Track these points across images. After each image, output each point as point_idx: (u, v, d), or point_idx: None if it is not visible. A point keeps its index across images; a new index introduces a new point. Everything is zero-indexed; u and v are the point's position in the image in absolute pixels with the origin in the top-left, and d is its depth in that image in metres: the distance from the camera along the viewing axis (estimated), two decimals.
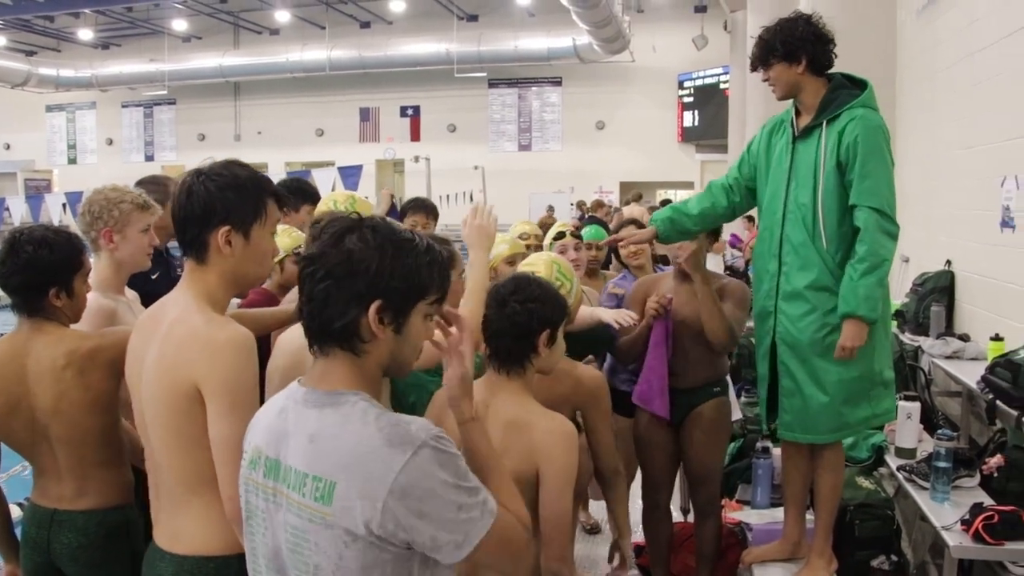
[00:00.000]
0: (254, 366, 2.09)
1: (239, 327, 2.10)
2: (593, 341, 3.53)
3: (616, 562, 3.15)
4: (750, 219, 11.81)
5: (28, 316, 2.64)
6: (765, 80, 3.34)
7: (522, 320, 2.53)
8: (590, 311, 3.69)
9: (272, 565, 1.71)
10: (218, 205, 2.12)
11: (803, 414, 3.31)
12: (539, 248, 4.61)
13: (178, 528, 2.14)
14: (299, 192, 4.66)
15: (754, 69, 3.38)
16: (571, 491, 2.46)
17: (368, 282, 1.65)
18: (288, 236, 3.98)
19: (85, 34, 28.14)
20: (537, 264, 3.03)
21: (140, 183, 4.19)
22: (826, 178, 3.16)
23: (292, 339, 2.64)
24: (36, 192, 24.43)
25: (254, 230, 2.18)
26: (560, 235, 4.24)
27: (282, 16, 26.98)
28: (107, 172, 23.99)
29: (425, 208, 5.19)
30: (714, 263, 5.70)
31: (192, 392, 2.04)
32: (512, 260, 3.80)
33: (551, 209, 19.26)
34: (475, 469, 1.75)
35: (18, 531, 2.78)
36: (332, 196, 3.56)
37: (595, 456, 3.08)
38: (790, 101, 3.37)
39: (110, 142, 31.35)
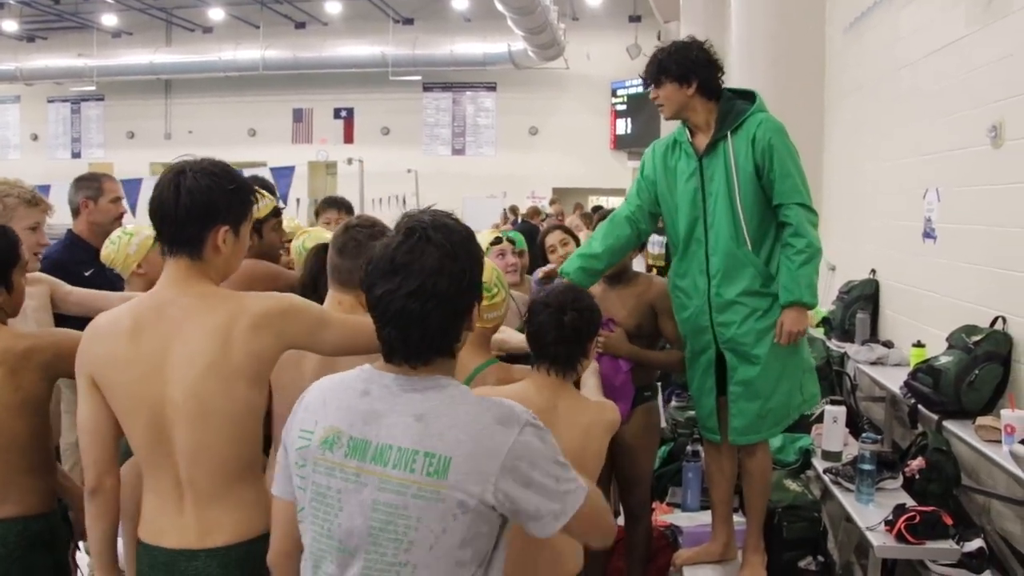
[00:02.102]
0: None
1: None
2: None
3: None
4: None
5: None
6: (654, 98, 3.42)
7: (582, 326, 2.71)
8: None
9: (343, 545, 1.75)
10: (220, 204, 2.19)
11: (757, 414, 3.39)
12: None
13: (213, 521, 2.18)
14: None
15: (646, 86, 3.46)
16: None
17: (471, 293, 1.83)
18: None
19: (9, 25, 27.37)
20: None
21: (80, 180, 4.14)
22: (744, 184, 3.26)
23: None
24: None
25: (242, 228, 2.28)
26: (497, 240, 4.26)
27: (216, 14, 26.58)
28: (31, 168, 23.41)
29: (338, 205, 5.22)
30: (638, 264, 5.82)
31: (273, 358, 2.20)
32: None
33: (507, 218, 17.85)
34: None
35: None
36: None
37: None
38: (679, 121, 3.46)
39: (35, 138, 30.53)
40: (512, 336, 3.64)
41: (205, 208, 2.16)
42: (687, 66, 3.31)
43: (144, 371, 2.15)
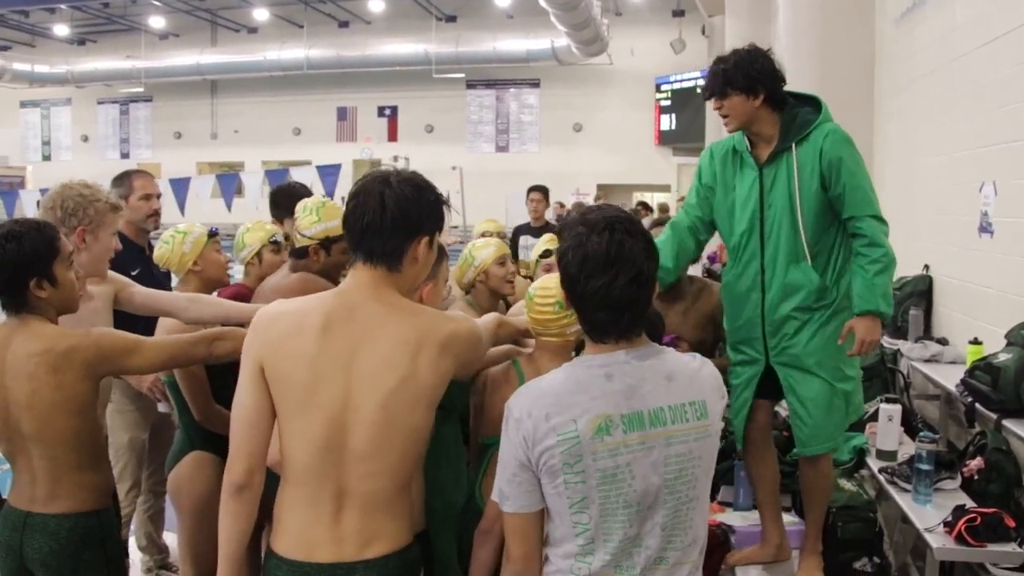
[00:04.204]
0: None
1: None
2: None
3: None
4: None
5: (15, 312, 2.58)
6: (718, 109, 3.31)
7: None
8: None
9: (640, 506, 1.98)
10: (425, 217, 2.21)
11: (819, 424, 3.30)
12: None
13: (374, 532, 2.16)
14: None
15: (708, 98, 3.35)
16: None
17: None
18: (262, 229, 4.00)
19: (61, 30, 27.90)
20: (550, 287, 2.98)
21: (113, 180, 4.19)
22: (808, 197, 3.15)
23: None
24: (10, 188, 24.13)
25: (434, 240, 2.29)
26: (547, 253, 4.15)
27: (260, 14, 26.87)
28: (82, 169, 23.73)
29: None
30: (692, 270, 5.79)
31: (448, 381, 2.23)
32: (502, 260, 3.78)
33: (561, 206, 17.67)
34: None
35: None
36: (304, 204, 3.59)
37: None
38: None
39: (85, 139, 31.11)
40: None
41: (410, 218, 2.17)
42: (754, 77, 3.19)
43: (329, 370, 2.12)
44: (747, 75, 3.20)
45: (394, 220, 2.14)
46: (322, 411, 2.11)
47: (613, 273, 1.94)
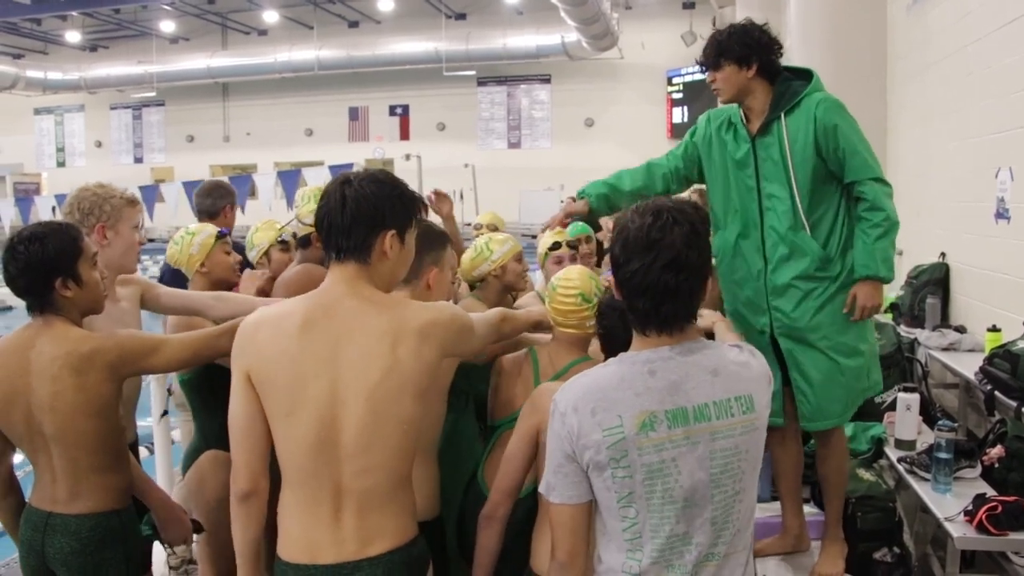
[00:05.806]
0: None
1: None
2: None
3: None
4: None
5: (41, 313, 2.61)
6: (711, 81, 3.31)
7: None
8: None
9: (688, 502, 1.96)
10: (386, 209, 2.23)
11: (821, 400, 3.30)
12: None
13: (375, 529, 2.17)
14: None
15: (704, 69, 3.36)
16: None
17: (710, 264, 2.06)
18: (271, 229, 4.01)
19: (73, 36, 27.97)
20: (573, 278, 2.98)
21: (219, 187, 4.31)
22: (799, 165, 3.17)
23: None
24: (25, 195, 24.27)
25: (408, 235, 2.31)
26: (556, 245, 4.15)
27: (270, 16, 26.87)
28: (96, 174, 23.79)
29: None
30: None
31: (435, 369, 2.23)
32: (519, 256, 3.78)
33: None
34: None
35: None
36: (302, 192, 3.71)
37: None
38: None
39: (99, 144, 31.17)
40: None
41: (371, 214, 2.20)
42: (748, 47, 3.22)
43: (313, 368, 2.14)
44: (742, 44, 3.23)
45: (353, 216, 2.19)
46: (309, 410, 2.13)
47: (651, 257, 1.93)
